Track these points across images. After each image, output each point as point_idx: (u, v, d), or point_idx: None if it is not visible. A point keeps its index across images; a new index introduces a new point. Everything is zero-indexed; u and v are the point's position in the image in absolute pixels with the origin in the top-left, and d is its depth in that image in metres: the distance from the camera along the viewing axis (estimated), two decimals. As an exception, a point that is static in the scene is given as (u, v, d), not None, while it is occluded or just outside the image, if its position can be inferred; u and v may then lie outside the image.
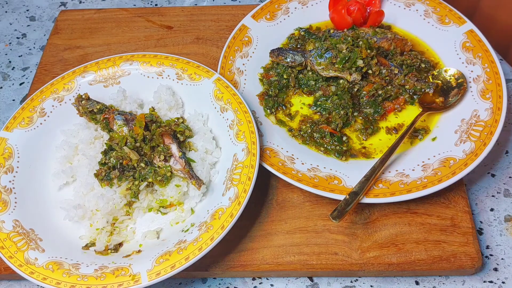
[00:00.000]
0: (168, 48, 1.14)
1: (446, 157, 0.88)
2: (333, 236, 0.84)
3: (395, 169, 0.88)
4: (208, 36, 1.15)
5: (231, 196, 0.82)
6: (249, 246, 0.84)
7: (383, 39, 1.03)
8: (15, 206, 0.85)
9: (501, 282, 0.82)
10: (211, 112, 0.95)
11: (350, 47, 0.98)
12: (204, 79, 0.98)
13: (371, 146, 0.94)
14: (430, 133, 0.94)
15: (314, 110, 0.99)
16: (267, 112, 0.98)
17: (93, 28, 1.19)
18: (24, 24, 1.28)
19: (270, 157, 0.89)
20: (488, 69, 0.97)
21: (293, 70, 1.03)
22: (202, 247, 0.77)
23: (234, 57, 1.05)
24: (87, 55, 1.14)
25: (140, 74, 1.01)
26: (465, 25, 1.05)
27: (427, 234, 0.83)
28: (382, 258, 0.81)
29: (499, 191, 0.92)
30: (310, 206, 0.88)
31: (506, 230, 0.87)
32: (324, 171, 0.88)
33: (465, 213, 0.85)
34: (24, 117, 0.95)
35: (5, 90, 1.14)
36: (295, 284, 0.84)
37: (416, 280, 0.83)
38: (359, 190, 0.83)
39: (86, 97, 0.94)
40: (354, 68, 0.97)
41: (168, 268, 0.75)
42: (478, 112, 0.93)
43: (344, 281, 0.84)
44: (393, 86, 0.99)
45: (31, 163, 0.91)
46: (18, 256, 0.79)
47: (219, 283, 0.84)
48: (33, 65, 1.19)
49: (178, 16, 1.20)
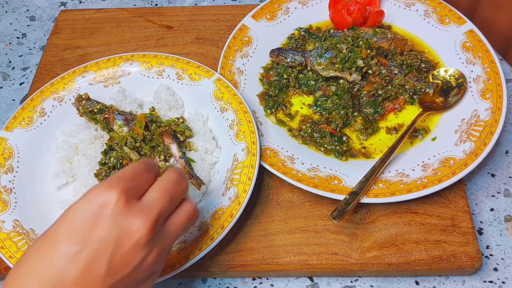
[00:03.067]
0: (168, 48, 1.14)
1: (446, 157, 0.88)
2: (333, 236, 0.84)
3: (395, 169, 0.88)
4: (208, 36, 1.15)
5: (231, 196, 0.82)
6: (249, 246, 0.84)
7: (383, 39, 1.03)
8: (15, 206, 0.85)
9: (501, 282, 0.82)
10: (211, 112, 0.95)
11: (350, 47, 0.98)
12: (204, 79, 0.98)
13: (371, 146, 0.94)
14: (430, 133, 0.94)
15: (314, 110, 0.99)
16: (267, 112, 0.98)
17: (93, 28, 1.19)
18: (24, 24, 1.28)
19: (270, 157, 0.89)
20: (488, 69, 0.97)
21: (293, 70, 1.03)
22: (202, 247, 0.77)
23: (234, 57, 1.05)
24: (87, 55, 1.14)
25: (140, 74, 1.01)
26: (465, 25, 1.05)
27: (427, 234, 0.83)
28: (382, 258, 0.81)
29: (499, 191, 0.92)
30: (310, 206, 0.88)
31: (506, 230, 0.87)
32: (324, 171, 0.88)
33: (465, 213, 0.85)
34: (24, 117, 0.95)
35: (5, 90, 1.15)
36: (295, 284, 0.84)
37: (416, 280, 0.83)
38: (359, 190, 0.83)
39: (86, 97, 0.94)
40: (354, 68, 0.97)
41: (168, 268, 0.75)
42: (478, 112, 0.93)
43: (344, 281, 0.84)
44: (393, 86, 0.99)
45: (31, 163, 0.91)
46: (18, 256, 0.79)
47: (219, 283, 0.84)
48: (33, 65, 1.19)
49: (178, 16, 1.20)
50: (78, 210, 0.56)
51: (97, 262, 0.54)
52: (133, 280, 0.57)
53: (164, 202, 0.59)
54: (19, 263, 0.56)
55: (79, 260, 0.54)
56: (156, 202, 0.59)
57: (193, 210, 0.63)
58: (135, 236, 0.56)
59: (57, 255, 0.54)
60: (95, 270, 0.54)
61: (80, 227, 0.55)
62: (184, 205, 0.63)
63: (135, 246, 0.56)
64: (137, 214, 0.56)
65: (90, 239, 0.55)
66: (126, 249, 0.56)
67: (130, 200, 0.57)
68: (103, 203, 0.56)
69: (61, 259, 0.54)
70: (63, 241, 0.55)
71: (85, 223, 0.55)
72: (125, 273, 0.56)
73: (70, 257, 0.54)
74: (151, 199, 0.59)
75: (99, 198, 0.56)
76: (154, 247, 0.58)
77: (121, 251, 0.55)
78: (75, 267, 0.54)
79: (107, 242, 0.55)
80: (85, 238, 0.55)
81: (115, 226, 0.55)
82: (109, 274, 0.55)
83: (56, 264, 0.54)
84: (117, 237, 0.55)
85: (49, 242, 0.55)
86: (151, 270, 0.59)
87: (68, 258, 0.54)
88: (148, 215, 0.57)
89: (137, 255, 0.56)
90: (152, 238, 0.57)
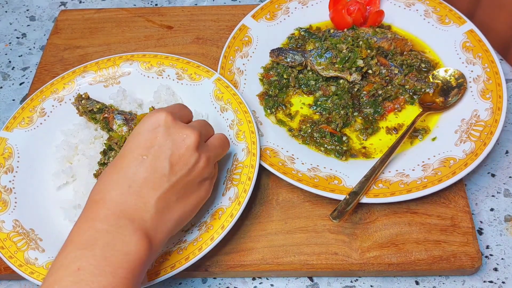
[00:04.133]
0: (168, 48, 1.14)
1: (446, 157, 0.88)
2: (333, 236, 0.84)
3: (395, 169, 0.88)
4: (208, 36, 1.15)
5: (231, 196, 0.82)
6: (249, 246, 0.84)
7: (383, 39, 1.03)
8: (15, 206, 0.85)
9: (501, 282, 0.82)
10: (211, 112, 0.95)
11: (350, 47, 0.98)
12: (204, 79, 0.98)
13: (371, 146, 0.94)
14: (430, 133, 0.94)
15: (314, 110, 0.99)
16: (267, 112, 0.98)
17: (93, 28, 1.19)
18: (24, 24, 1.28)
19: (270, 157, 0.89)
20: (488, 69, 0.97)
21: (293, 70, 1.03)
22: (202, 247, 0.77)
23: (234, 57, 1.05)
24: (87, 55, 1.14)
25: (140, 74, 1.01)
26: (465, 25, 1.05)
27: (427, 234, 0.83)
28: (382, 258, 0.81)
29: (499, 191, 0.92)
30: (310, 206, 0.88)
31: (506, 230, 0.87)
32: (324, 171, 0.88)
33: (465, 213, 0.85)
34: (24, 117, 0.95)
35: (5, 90, 1.15)
36: (295, 284, 0.84)
37: (416, 280, 0.83)
38: (359, 190, 0.83)
39: (86, 96, 0.94)
40: (354, 68, 0.97)
41: (168, 268, 0.75)
42: (478, 112, 0.93)
43: (344, 281, 0.84)
44: (393, 86, 0.99)
45: (31, 163, 0.91)
46: (18, 256, 0.79)
47: (219, 283, 0.84)
48: (33, 65, 1.19)
49: (178, 16, 1.20)
50: (137, 131, 0.70)
51: (161, 162, 0.68)
52: (190, 180, 0.70)
53: (202, 126, 0.76)
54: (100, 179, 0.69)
55: (146, 163, 0.67)
56: (196, 125, 0.75)
57: (224, 136, 0.80)
58: (186, 141, 0.70)
59: (128, 164, 0.67)
60: (160, 169, 0.67)
61: (141, 141, 0.69)
62: (217, 134, 0.80)
63: (188, 149, 0.70)
64: (185, 127, 0.71)
65: (152, 147, 0.68)
66: (182, 151, 0.69)
67: (176, 118, 0.71)
68: (155, 121, 0.70)
69: (132, 165, 0.67)
70: (131, 153, 0.68)
71: (144, 137, 0.69)
72: (184, 172, 0.69)
73: (138, 162, 0.67)
74: (192, 123, 0.76)
75: (151, 120, 0.70)
76: (202, 153, 0.72)
77: (178, 152, 0.69)
78: (143, 169, 0.67)
79: (165, 147, 0.68)
80: (147, 147, 0.68)
81: (169, 135, 0.69)
82: (171, 172, 0.68)
83: (129, 170, 0.67)
84: (173, 143, 0.69)
85: (121, 158, 0.69)
86: (203, 175, 0.72)
87: (136, 163, 0.67)
88: (194, 129, 0.71)
89: (191, 156, 0.70)
90: (199, 145, 0.71)
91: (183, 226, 0.73)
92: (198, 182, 0.72)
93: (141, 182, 0.66)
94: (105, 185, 0.67)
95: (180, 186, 0.69)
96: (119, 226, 0.63)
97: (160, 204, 0.67)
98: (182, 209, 0.70)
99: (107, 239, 0.61)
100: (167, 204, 0.68)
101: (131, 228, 0.63)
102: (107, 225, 0.63)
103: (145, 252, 0.63)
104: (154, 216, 0.66)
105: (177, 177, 0.68)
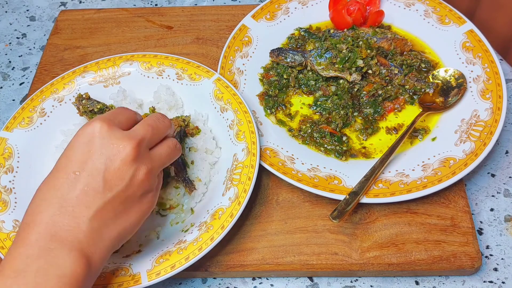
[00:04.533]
0: (168, 48, 1.14)
1: (446, 157, 0.88)
2: (333, 236, 0.84)
3: (395, 169, 0.88)
4: (208, 36, 1.15)
5: (231, 196, 0.82)
6: (249, 246, 0.84)
7: (383, 39, 1.03)
8: (15, 206, 0.85)
9: (501, 282, 0.82)
10: (211, 112, 0.95)
11: (350, 47, 0.98)
12: (204, 79, 0.98)
13: (371, 146, 0.94)
14: (430, 133, 0.94)
15: (314, 110, 0.99)
16: (267, 112, 0.98)
17: (93, 28, 1.19)
18: (24, 24, 1.28)
19: (270, 157, 0.89)
20: (488, 69, 0.97)
21: (293, 70, 1.03)
22: (202, 247, 0.77)
23: (234, 57, 1.05)
24: (87, 55, 1.14)
25: (140, 74, 1.01)
26: (465, 25, 1.05)
27: (427, 234, 0.83)
28: (382, 258, 0.81)
29: (499, 191, 0.92)
30: (310, 206, 0.88)
31: (506, 230, 0.87)
32: (324, 171, 0.88)
33: (465, 213, 0.85)
34: (24, 117, 0.95)
35: (5, 90, 1.15)
36: (295, 284, 0.84)
37: (416, 280, 0.83)
38: (359, 190, 0.83)
39: (86, 96, 0.94)
40: (354, 68, 0.97)
41: (168, 268, 0.75)
42: (478, 112, 0.93)
43: (344, 281, 0.84)
44: (393, 86, 0.99)
45: (31, 163, 0.91)
46: (18, 256, 0.79)
47: (219, 283, 0.84)
48: (33, 65, 1.19)
49: (178, 16, 1.20)
50: (71, 145, 0.67)
51: (94, 179, 0.64)
52: (129, 195, 0.66)
53: (147, 131, 0.69)
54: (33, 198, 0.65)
55: (78, 181, 0.64)
56: (139, 130, 0.69)
57: (175, 143, 0.75)
58: (121, 154, 0.65)
59: (60, 182, 0.64)
60: (93, 186, 0.64)
61: (74, 155, 0.65)
62: (167, 139, 0.74)
63: (124, 162, 0.65)
64: (121, 137, 0.66)
65: (85, 162, 0.64)
66: (117, 165, 0.64)
67: (112, 127, 0.66)
68: (89, 132, 0.66)
69: (64, 183, 0.64)
70: (63, 169, 0.65)
71: (78, 151, 0.65)
72: (120, 188, 0.65)
73: (71, 179, 0.64)
74: (134, 129, 0.69)
75: (85, 131, 0.66)
76: (141, 165, 0.66)
77: (112, 167, 0.64)
78: (76, 186, 0.63)
79: (99, 161, 0.64)
80: (80, 162, 0.65)
81: (103, 147, 0.65)
82: (106, 188, 0.64)
83: (61, 188, 0.64)
84: (107, 157, 0.64)
85: (53, 174, 0.66)
86: (144, 188, 0.68)
87: (69, 181, 0.64)
88: (131, 138, 0.66)
89: (127, 170, 0.65)
90: (137, 156, 0.66)
91: (127, 239, 0.70)
92: (140, 195, 0.68)
93: (74, 201, 0.63)
94: (37, 206, 0.63)
95: (118, 202, 0.65)
96: (50, 249, 0.60)
97: (96, 222, 0.63)
98: (122, 225, 0.66)
99: (39, 264, 0.59)
100: (103, 221, 0.64)
101: (65, 250, 0.60)
102: (38, 249, 0.60)
103: (82, 272, 0.61)
104: (89, 236, 0.63)
105: (113, 193, 0.64)
